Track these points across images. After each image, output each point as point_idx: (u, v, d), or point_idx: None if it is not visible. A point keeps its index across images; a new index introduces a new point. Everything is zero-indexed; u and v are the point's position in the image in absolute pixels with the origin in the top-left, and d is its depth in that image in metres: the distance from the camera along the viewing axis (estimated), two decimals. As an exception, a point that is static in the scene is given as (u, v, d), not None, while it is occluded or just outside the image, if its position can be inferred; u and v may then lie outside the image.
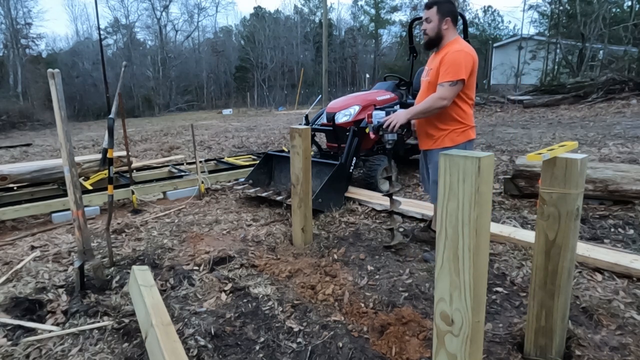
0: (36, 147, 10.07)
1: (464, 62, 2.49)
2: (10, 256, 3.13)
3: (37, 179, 4.46)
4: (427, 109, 2.58)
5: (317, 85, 30.12)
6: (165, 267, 2.87)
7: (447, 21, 2.58)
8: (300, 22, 37.89)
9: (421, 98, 2.77)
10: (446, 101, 2.52)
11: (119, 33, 33.19)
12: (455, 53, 2.52)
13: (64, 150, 2.38)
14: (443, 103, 2.52)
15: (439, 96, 2.52)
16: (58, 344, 2.03)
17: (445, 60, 2.52)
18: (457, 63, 2.49)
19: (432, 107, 2.56)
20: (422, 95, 2.79)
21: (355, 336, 2.06)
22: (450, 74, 2.48)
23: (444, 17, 2.57)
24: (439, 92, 2.53)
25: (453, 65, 2.48)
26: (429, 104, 2.56)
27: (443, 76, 2.52)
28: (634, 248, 2.90)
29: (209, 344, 2.01)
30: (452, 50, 2.54)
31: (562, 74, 19.85)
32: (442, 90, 2.51)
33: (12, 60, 26.10)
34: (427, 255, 2.90)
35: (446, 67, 2.50)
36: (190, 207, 4.33)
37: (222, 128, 12.94)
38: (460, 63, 2.48)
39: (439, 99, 2.52)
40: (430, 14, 2.60)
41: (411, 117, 2.67)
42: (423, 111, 2.61)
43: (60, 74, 2.31)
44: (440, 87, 2.53)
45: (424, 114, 2.64)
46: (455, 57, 2.50)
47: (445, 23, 2.59)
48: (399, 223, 3.11)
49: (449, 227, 1.19)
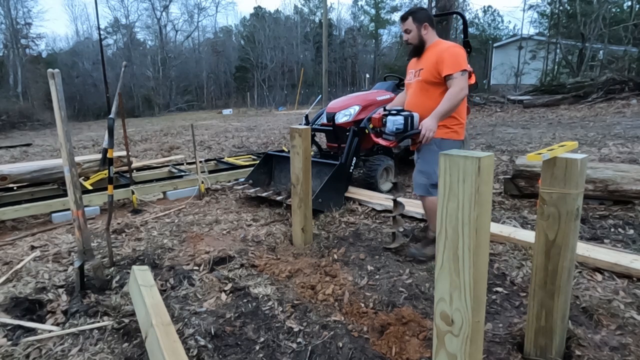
0: (36, 147, 10.07)
1: (463, 56, 2.61)
2: (10, 256, 3.13)
3: (37, 179, 4.46)
4: (452, 104, 2.56)
5: (317, 85, 30.12)
6: (165, 267, 2.87)
7: (426, 26, 2.71)
8: (300, 22, 37.90)
9: (414, 100, 2.78)
10: (465, 90, 2.57)
11: (119, 33, 33.20)
12: (452, 48, 2.63)
13: (64, 150, 2.38)
14: (464, 93, 2.56)
15: (459, 88, 2.54)
16: (58, 344, 2.03)
17: (444, 56, 2.58)
18: (458, 55, 2.59)
19: (456, 101, 2.56)
20: (415, 96, 2.79)
21: (355, 336, 2.06)
22: (457, 65, 2.56)
23: (422, 24, 2.70)
24: (457, 84, 2.54)
25: (455, 58, 2.57)
26: (453, 100, 2.55)
27: (450, 68, 2.55)
28: (634, 248, 2.90)
29: (209, 344, 2.01)
30: (446, 47, 2.64)
31: (562, 74, 19.87)
32: (458, 81, 2.55)
33: (12, 60, 26.10)
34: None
35: (449, 60, 2.57)
36: (190, 207, 4.33)
37: (222, 128, 12.94)
38: (461, 56, 2.59)
39: (460, 90, 2.54)
40: (407, 25, 2.73)
41: (440, 120, 2.60)
42: (450, 109, 2.58)
43: (60, 74, 2.31)
44: (453, 80, 2.55)
45: (451, 112, 2.61)
46: (453, 51, 2.61)
47: (424, 28, 2.71)
48: (402, 227, 3.09)
49: (449, 227, 1.19)
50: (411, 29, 2.73)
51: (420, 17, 2.71)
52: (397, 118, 2.67)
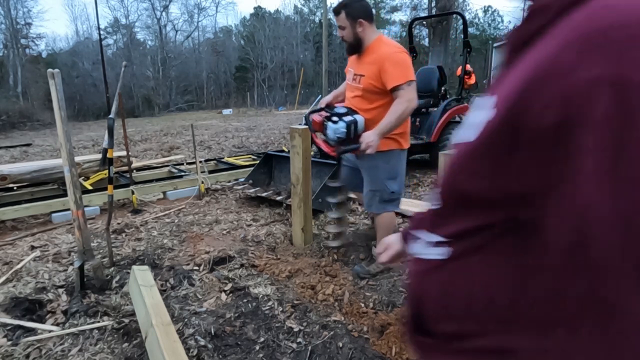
0: (36, 147, 10.07)
1: (407, 64, 2.38)
2: (10, 256, 3.13)
3: (37, 179, 4.46)
4: (399, 120, 2.33)
5: (317, 85, 30.11)
6: (165, 267, 2.87)
7: (361, 23, 2.39)
8: (300, 22, 37.89)
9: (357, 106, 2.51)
10: (413, 102, 2.34)
11: (119, 33, 33.18)
12: (395, 55, 2.37)
13: (64, 150, 2.38)
14: (412, 106, 2.33)
15: (406, 99, 2.31)
16: (58, 344, 2.04)
17: (387, 67, 2.33)
18: (402, 64, 2.36)
19: (404, 115, 2.33)
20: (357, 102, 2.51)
21: (355, 336, 2.06)
22: (402, 76, 2.33)
23: (356, 20, 2.38)
24: (405, 95, 2.31)
25: (399, 67, 2.34)
26: (400, 114, 2.31)
27: (397, 79, 2.32)
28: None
29: (209, 344, 2.01)
30: (389, 53, 2.37)
31: (562, 74, 19.83)
32: (405, 92, 2.32)
33: (12, 60, 26.10)
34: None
35: (394, 71, 2.33)
36: (190, 207, 4.33)
37: (222, 128, 12.94)
38: (405, 64, 2.37)
39: (407, 102, 2.31)
40: (340, 20, 2.41)
41: (384, 134, 2.33)
42: (396, 124, 2.34)
43: (60, 74, 2.31)
44: (399, 92, 2.32)
45: (397, 127, 2.37)
46: (397, 59, 2.36)
47: (360, 25, 2.39)
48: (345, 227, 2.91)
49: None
50: (345, 25, 2.40)
51: (355, 13, 2.36)
52: (338, 126, 2.39)
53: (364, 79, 2.43)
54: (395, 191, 2.57)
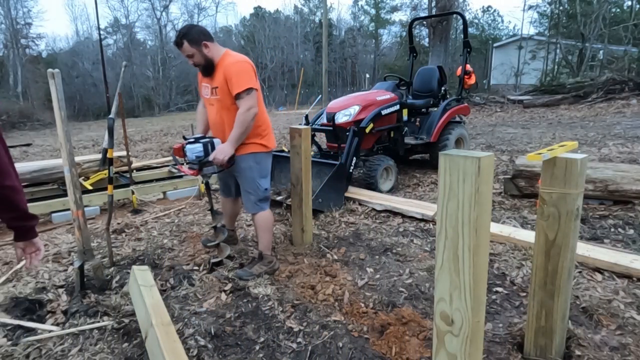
0: (36, 147, 10.07)
1: (247, 73, 2.49)
2: (10, 256, 3.13)
3: (37, 179, 4.46)
4: (243, 127, 2.49)
5: (317, 85, 30.13)
6: (165, 267, 2.87)
7: (205, 44, 2.50)
8: (300, 22, 37.90)
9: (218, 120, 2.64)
10: (255, 108, 2.49)
11: (119, 33, 33.19)
12: (236, 65, 2.49)
13: (64, 150, 2.38)
14: (254, 111, 2.48)
15: (246, 108, 2.46)
16: (58, 344, 2.03)
17: (230, 75, 2.46)
18: (242, 73, 2.47)
19: (247, 123, 2.49)
20: (217, 116, 2.63)
21: (355, 336, 2.06)
22: (241, 84, 2.45)
23: (200, 45, 2.49)
24: (244, 104, 2.46)
25: (239, 76, 2.46)
26: (243, 122, 2.48)
27: (237, 87, 2.45)
28: (634, 248, 2.90)
29: (209, 344, 2.01)
30: (231, 63, 2.50)
31: (562, 74, 19.84)
32: (244, 101, 2.46)
33: (12, 60, 26.10)
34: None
35: (235, 79, 2.45)
36: (190, 207, 4.33)
37: (222, 128, 12.92)
38: (245, 73, 2.48)
39: (247, 110, 2.46)
40: (186, 50, 2.50)
41: (235, 144, 2.52)
42: (242, 132, 2.51)
43: (60, 74, 2.31)
44: (241, 100, 2.47)
45: (245, 134, 2.54)
46: (237, 68, 2.48)
47: (205, 47, 2.51)
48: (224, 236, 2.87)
49: (449, 227, 1.19)
50: (192, 53, 2.50)
51: (196, 38, 2.48)
52: (195, 146, 2.55)
53: (219, 90, 2.56)
54: (267, 188, 2.77)
